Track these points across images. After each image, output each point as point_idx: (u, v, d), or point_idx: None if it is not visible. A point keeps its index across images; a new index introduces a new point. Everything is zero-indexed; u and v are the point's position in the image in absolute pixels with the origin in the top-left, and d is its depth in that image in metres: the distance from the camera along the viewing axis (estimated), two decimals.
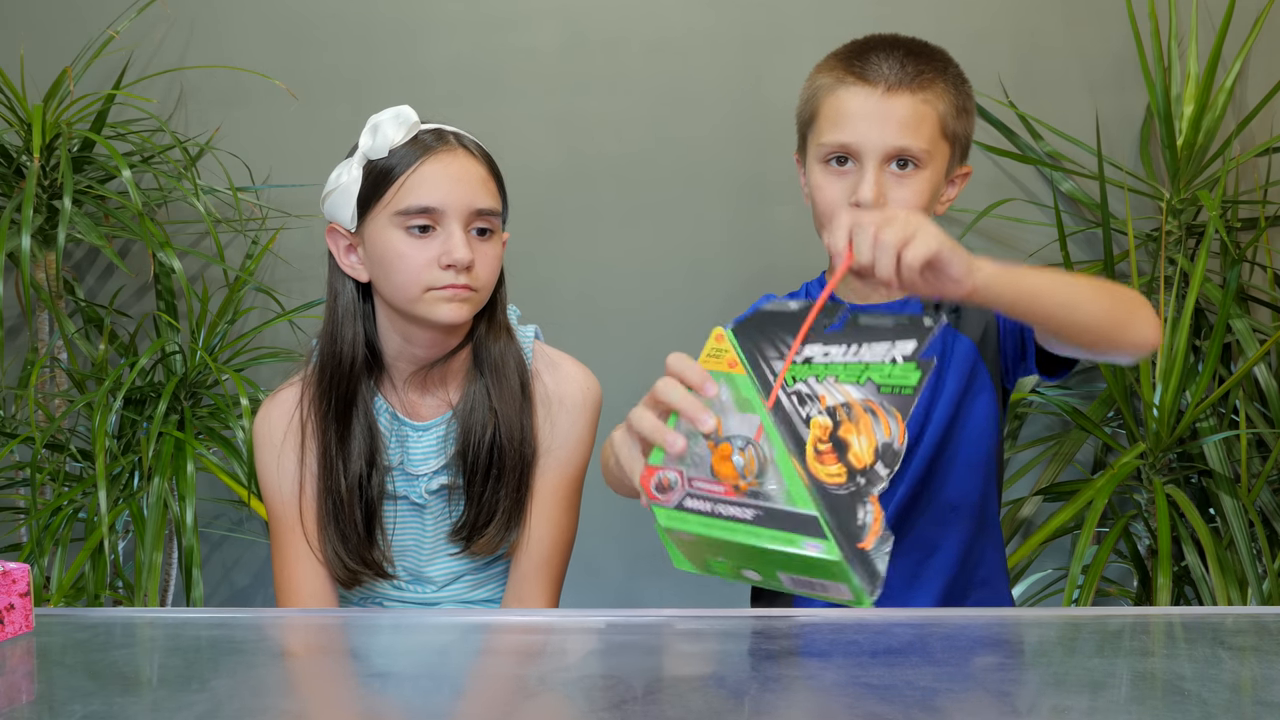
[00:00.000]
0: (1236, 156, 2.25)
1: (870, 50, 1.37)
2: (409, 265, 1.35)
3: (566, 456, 1.45)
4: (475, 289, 1.37)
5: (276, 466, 1.45)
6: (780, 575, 0.96)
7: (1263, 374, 2.17)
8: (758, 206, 2.36)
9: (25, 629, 1.08)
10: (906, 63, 1.36)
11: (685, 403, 0.98)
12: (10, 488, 2.33)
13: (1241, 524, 2.07)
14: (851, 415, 0.96)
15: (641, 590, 2.43)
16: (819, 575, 0.93)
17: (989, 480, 1.43)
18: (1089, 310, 1.15)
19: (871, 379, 0.97)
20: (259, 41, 2.40)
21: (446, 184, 1.36)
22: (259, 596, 2.47)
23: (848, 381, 0.98)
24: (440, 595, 1.47)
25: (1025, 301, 1.11)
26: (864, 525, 0.92)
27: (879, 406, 0.96)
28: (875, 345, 0.99)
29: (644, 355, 2.40)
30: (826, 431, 0.96)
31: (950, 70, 1.40)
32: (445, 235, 1.36)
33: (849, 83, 1.36)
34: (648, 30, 2.38)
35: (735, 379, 1.00)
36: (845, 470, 0.94)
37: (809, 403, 0.98)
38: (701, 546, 0.97)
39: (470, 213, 1.37)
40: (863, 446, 0.95)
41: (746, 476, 0.96)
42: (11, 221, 2.09)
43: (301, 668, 1.08)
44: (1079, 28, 2.34)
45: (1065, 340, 1.19)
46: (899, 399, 0.96)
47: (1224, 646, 1.03)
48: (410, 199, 1.36)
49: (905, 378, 0.96)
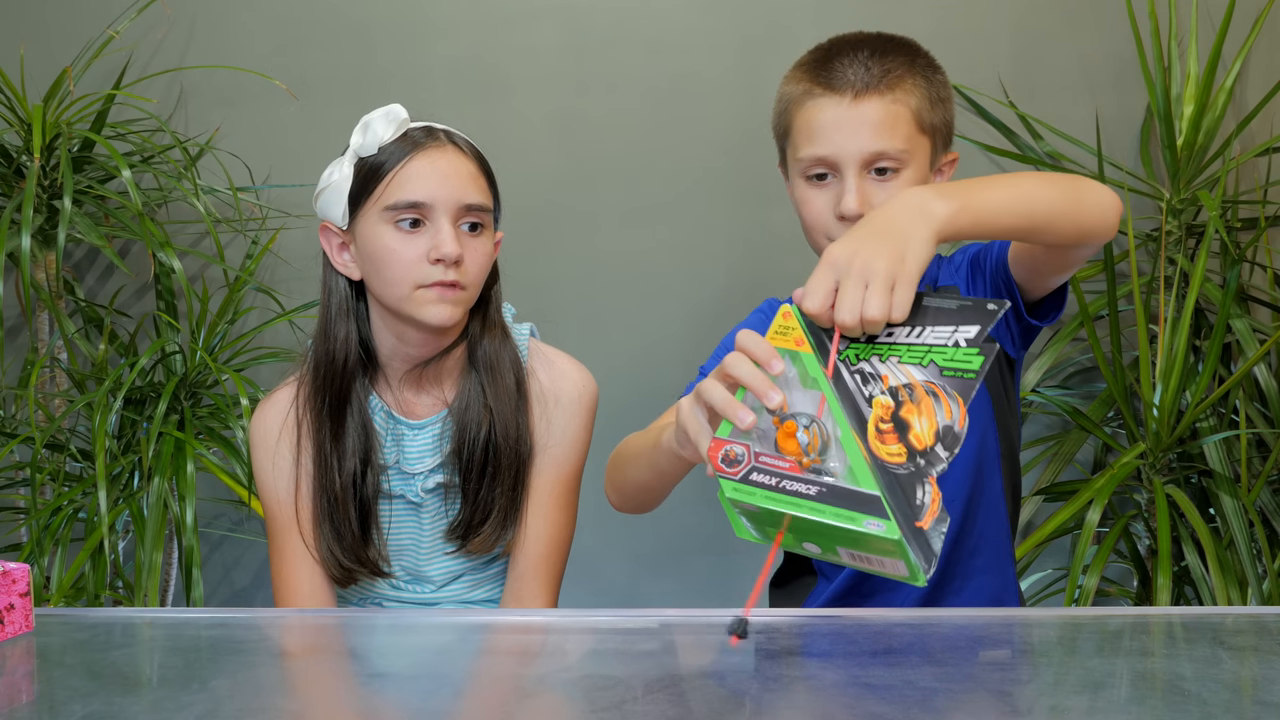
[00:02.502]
0: (1236, 156, 2.25)
1: (833, 56, 1.37)
2: (398, 260, 1.36)
3: (563, 455, 1.45)
4: (464, 286, 1.37)
5: (272, 466, 1.45)
6: (839, 550, 0.98)
7: (1263, 374, 2.17)
8: (757, 207, 2.36)
9: (25, 629, 1.08)
10: (871, 64, 1.35)
11: (754, 378, 1.00)
12: (10, 488, 2.33)
13: (1241, 524, 2.07)
14: (914, 396, 0.98)
15: (641, 590, 2.43)
16: (877, 552, 0.95)
17: (982, 471, 1.42)
18: (1043, 206, 1.18)
19: (934, 361, 0.99)
20: (259, 41, 2.40)
21: (435, 179, 1.36)
22: (259, 596, 2.47)
23: (910, 363, 1.00)
24: (439, 595, 1.47)
25: (985, 228, 1.15)
26: (922, 505, 0.94)
27: (940, 389, 0.98)
28: (939, 329, 1.01)
29: (643, 355, 2.41)
30: (889, 411, 0.98)
31: (918, 61, 1.38)
32: (434, 230, 1.36)
33: (816, 93, 1.36)
34: (648, 30, 2.38)
35: (801, 357, 1.02)
36: (906, 451, 0.96)
37: (872, 382, 1.00)
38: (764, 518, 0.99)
39: (459, 207, 1.37)
40: (924, 428, 0.96)
41: (810, 454, 0.97)
42: (11, 221, 2.09)
43: (301, 668, 1.08)
44: (1079, 28, 2.34)
45: (1036, 242, 1.23)
46: (960, 382, 0.98)
47: (1224, 646, 1.03)
48: (399, 194, 1.36)
49: (968, 362, 0.99)
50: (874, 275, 1.02)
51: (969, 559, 1.42)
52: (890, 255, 1.03)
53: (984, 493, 1.42)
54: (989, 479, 1.42)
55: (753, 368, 1.00)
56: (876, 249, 1.03)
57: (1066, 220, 1.20)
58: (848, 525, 0.94)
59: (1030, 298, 1.37)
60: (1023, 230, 1.19)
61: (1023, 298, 1.37)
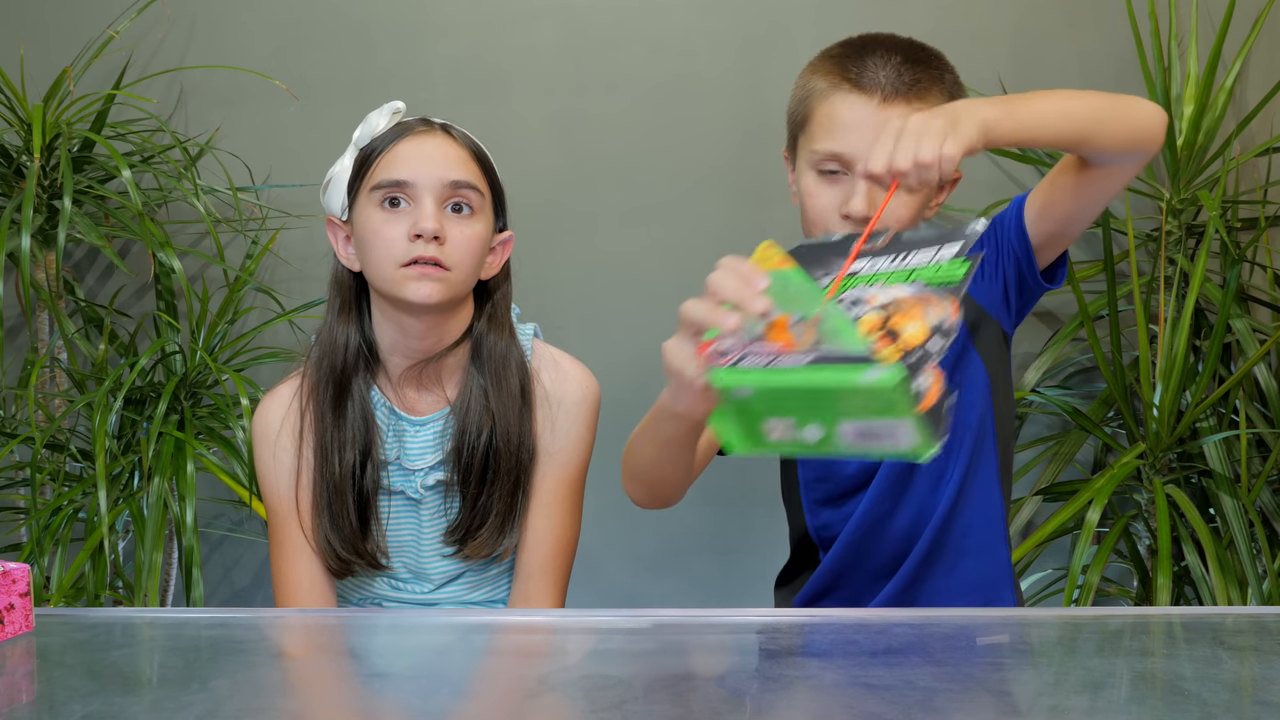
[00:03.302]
0: (1236, 156, 2.25)
1: (866, 54, 1.36)
2: (381, 240, 1.37)
3: (567, 457, 1.45)
4: (447, 266, 1.37)
5: (273, 459, 1.46)
6: (841, 430, 0.94)
7: (1263, 374, 2.17)
8: (757, 207, 2.36)
9: (25, 629, 1.08)
10: (904, 70, 1.35)
11: (736, 287, 1.01)
12: (10, 488, 2.33)
13: (1241, 524, 2.07)
14: (901, 308, 0.98)
15: (642, 590, 2.43)
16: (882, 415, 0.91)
17: (977, 452, 1.42)
18: (1089, 113, 1.23)
19: (919, 279, 1.00)
20: (259, 41, 2.40)
21: (419, 159, 1.38)
22: (259, 596, 2.47)
23: (895, 284, 1.00)
24: (438, 595, 1.47)
25: (1030, 134, 1.20)
26: (920, 393, 0.91)
27: (929, 296, 0.98)
28: (921, 253, 1.02)
29: (643, 355, 2.40)
30: (878, 323, 0.97)
31: (947, 77, 1.39)
32: (416, 207, 1.37)
33: (844, 89, 1.35)
34: (648, 30, 2.38)
35: (787, 274, 1.03)
36: (900, 352, 0.94)
37: (859, 305, 0.99)
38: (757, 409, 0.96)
39: (443, 185, 1.38)
40: (915, 330, 0.96)
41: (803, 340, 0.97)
42: (11, 221, 2.09)
43: (301, 668, 1.09)
44: (1079, 28, 2.34)
45: (1083, 151, 1.25)
46: (948, 289, 0.98)
47: (1224, 646, 1.03)
48: (383, 174, 1.39)
49: (952, 272, 0.99)
50: (927, 131, 1.11)
51: (961, 539, 1.42)
52: (943, 121, 1.12)
53: (978, 473, 1.42)
54: (984, 460, 1.42)
55: (735, 282, 1.02)
56: (929, 117, 1.13)
57: (1114, 127, 1.24)
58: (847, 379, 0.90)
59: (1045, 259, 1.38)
60: (1070, 137, 1.23)
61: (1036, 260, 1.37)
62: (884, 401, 0.90)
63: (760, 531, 2.36)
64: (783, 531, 1.57)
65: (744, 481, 2.30)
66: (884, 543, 1.43)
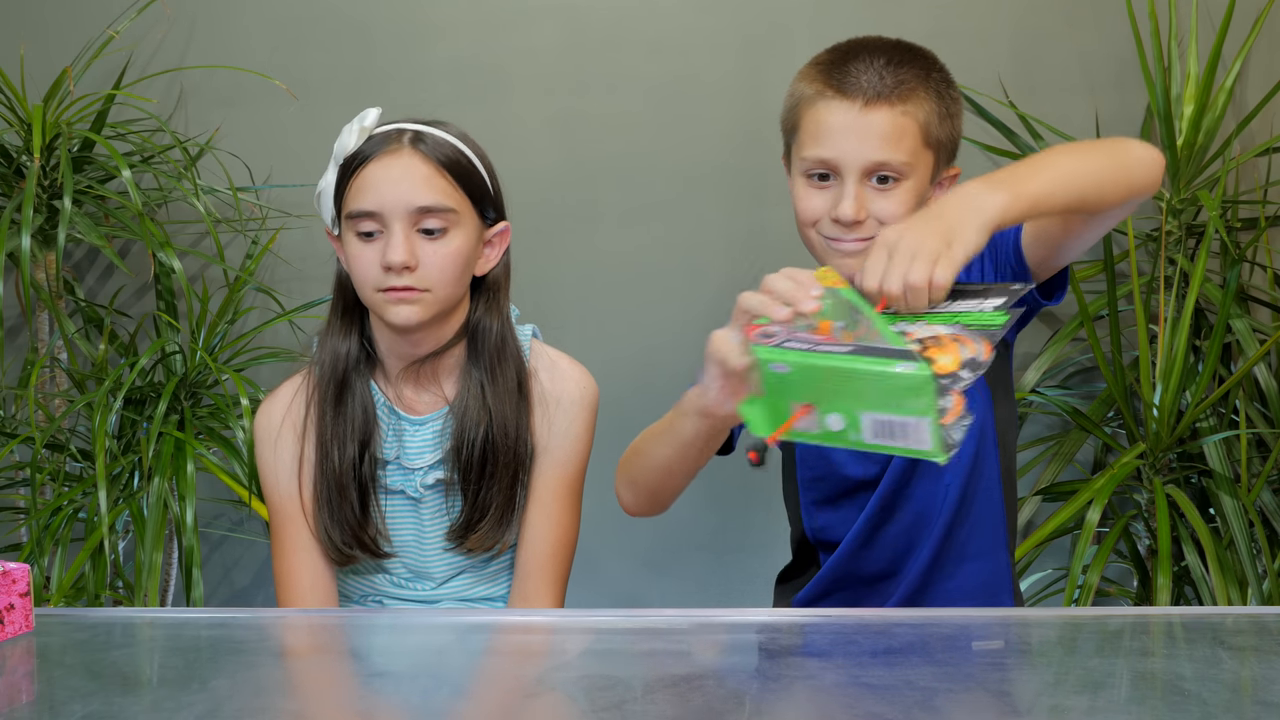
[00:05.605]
0: (1236, 156, 2.25)
1: (850, 59, 1.36)
2: (358, 268, 1.40)
3: (566, 456, 1.46)
4: (424, 289, 1.38)
5: (274, 456, 1.47)
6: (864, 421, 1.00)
7: (1263, 374, 2.17)
8: (757, 207, 2.36)
9: (25, 629, 1.08)
10: (886, 73, 1.34)
11: (792, 289, 1.09)
12: (10, 488, 2.33)
13: (1241, 524, 2.07)
14: (940, 342, 1.03)
15: (642, 590, 2.43)
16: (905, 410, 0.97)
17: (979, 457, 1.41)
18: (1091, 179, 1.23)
19: (960, 322, 1.06)
20: (259, 41, 2.40)
21: (385, 186, 1.38)
22: (259, 596, 2.47)
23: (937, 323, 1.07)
24: (439, 592, 1.48)
25: (1039, 211, 1.20)
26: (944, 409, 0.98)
27: (966, 336, 1.04)
28: (965, 302, 1.09)
29: (643, 355, 2.41)
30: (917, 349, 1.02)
31: (933, 75, 1.38)
32: (387, 236, 1.38)
33: (828, 96, 1.36)
34: (648, 30, 2.38)
35: (840, 290, 1.09)
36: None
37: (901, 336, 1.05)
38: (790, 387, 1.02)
39: (411, 212, 1.38)
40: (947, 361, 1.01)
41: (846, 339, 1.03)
42: (11, 221, 2.09)
43: (301, 668, 1.09)
44: (1079, 28, 2.34)
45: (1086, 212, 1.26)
46: (985, 333, 1.04)
47: (1224, 646, 1.03)
48: (353, 204, 1.40)
49: (993, 319, 1.05)
50: (920, 252, 1.09)
51: (964, 543, 1.42)
52: (938, 237, 1.11)
53: (981, 478, 1.43)
54: (987, 465, 1.43)
55: (791, 284, 1.09)
56: (925, 231, 1.11)
57: (1113, 185, 1.24)
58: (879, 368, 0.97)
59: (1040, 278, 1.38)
60: (1074, 205, 1.23)
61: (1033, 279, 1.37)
62: (912, 394, 0.96)
63: (760, 531, 2.36)
64: (783, 531, 1.57)
65: (744, 481, 2.30)
66: (883, 550, 1.43)
